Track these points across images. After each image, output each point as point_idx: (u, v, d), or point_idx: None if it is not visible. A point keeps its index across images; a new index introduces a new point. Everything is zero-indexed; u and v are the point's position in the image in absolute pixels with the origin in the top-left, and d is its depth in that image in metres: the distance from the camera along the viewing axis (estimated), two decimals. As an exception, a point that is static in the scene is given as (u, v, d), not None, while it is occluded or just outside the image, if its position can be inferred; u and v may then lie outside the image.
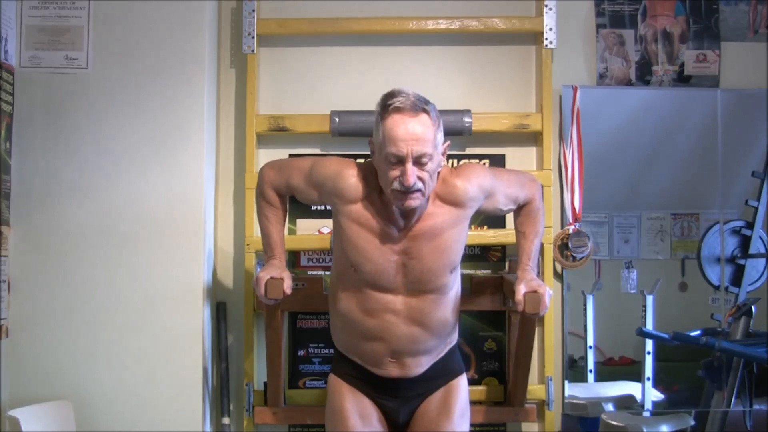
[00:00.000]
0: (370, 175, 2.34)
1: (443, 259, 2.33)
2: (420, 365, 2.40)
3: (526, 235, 2.49)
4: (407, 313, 2.34)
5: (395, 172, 2.21)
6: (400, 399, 2.43)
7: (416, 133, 2.19)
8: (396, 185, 2.22)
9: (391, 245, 2.31)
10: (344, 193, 2.34)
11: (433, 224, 2.32)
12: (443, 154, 2.32)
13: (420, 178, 2.21)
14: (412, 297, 2.34)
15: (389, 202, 2.29)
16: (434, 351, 2.42)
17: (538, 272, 2.93)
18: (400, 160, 2.20)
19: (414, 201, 2.24)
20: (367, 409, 2.42)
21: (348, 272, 2.36)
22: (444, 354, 2.46)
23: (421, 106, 2.22)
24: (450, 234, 2.33)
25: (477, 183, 2.37)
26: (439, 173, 2.32)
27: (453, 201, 2.34)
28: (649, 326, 3.07)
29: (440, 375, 2.44)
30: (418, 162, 2.20)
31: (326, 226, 3.02)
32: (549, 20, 2.98)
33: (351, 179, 2.33)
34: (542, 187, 2.61)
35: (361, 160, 2.48)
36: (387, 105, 2.23)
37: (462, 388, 2.47)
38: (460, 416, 2.43)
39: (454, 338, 2.50)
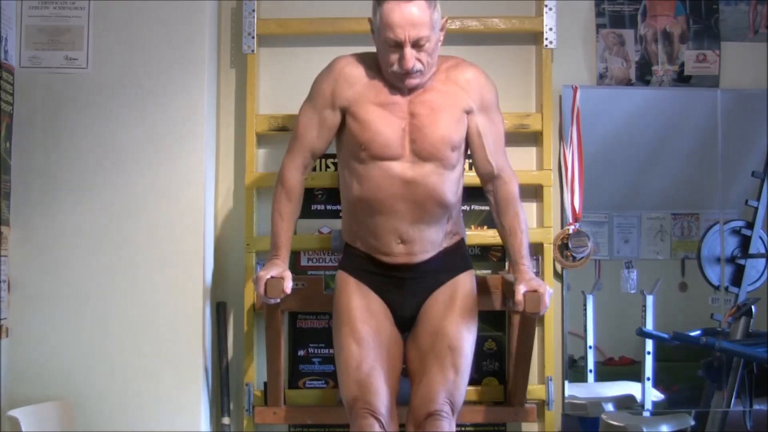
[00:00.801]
0: (364, 57, 2.44)
1: (442, 133, 2.37)
2: (425, 249, 2.43)
3: (513, 231, 2.45)
4: (413, 180, 2.37)
5: (394, 56, 2.30)
6: (406, 292, 2.45)
7: (412, 17, 2.26)
8: (395, 68, 2.31)
9: (397, 112, 2.38)
10: (349, 78, 2.42)
11: (433, 97, 2.39)
12: (442, 30, 2.38)
13: (419, 60, 2.30)
14: (417, 165, 2.37)
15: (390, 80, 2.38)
16: (438, 233, 2.44)
17: (538, 272, 2.94)
18: (398, 45, 2.28)
19: (414, 80, 2.34)
20: (374, 303, 2.44)
21: (357, 155, 2.40)
22: (449, 245, 2.48)
23: None
24: (449, 112, 2.39)
25: (482, 85, 2.45)
26: (456, 59, 2.45)
27: (456, 80, 2.42)
28: (649, 326, 3.07)
29: (446, 267, 2.47)
30: (416, 45, 2.28)
31: (326, 226, 3.02)
32: (549, 20, 2.98)
33: (347, 67, 2.44)
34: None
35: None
36: None
37: (469, 284, 2.50)
38: (467, 312, 2.45)
39: (460, 233, 2.54)
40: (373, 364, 2.35)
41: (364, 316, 2.41)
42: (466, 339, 2.41)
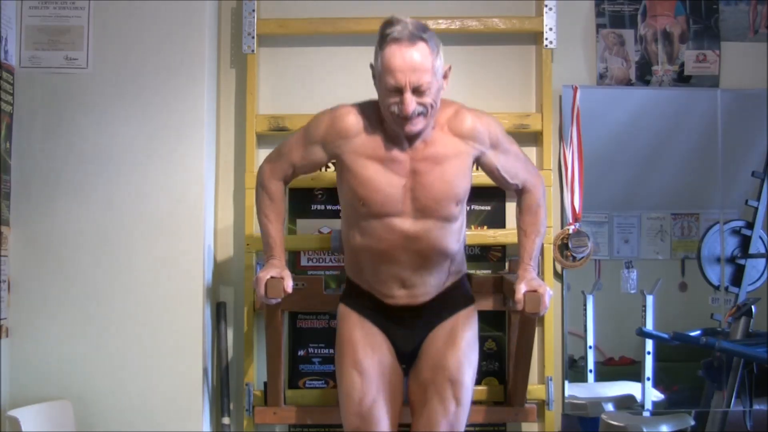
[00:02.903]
0: (366, 108, 2.37)
1: (447, 189, 2.34)
2: (427, 292, 2.43)
3: (528, 233, 2.49)
4: (415, 235, 2.35)
5: (394, 100, 2.24)
6: (408, 328, 2.45)
7: (414, 63, 2.20)
8: (395, 109, 2.24)
9: (398, 170, 2.33)
10: (346, 131, 2.35)
11: (436, 151, 2.33)
12: (445, 78, 2.32)
13: (421, 104, 2.23)
14: (419, 221, 2.35)
15: (391, 127, 2.32)
16: (441, 277, 2.43)
17: (539, 272, 2.94)
18: (399, 90, 2.22)
19: (415, 126, 2.26)
20: (376, 338, 2.44)
21: (357, 209, 2.37)
22: (451, 284, 2.47)
23: (418, 34, 2.22)
24: (453, 164, 2.34)
25: (487, 127, 2.39)
26: (453, 106, 2.36)
27: (459, 132, 2.36)
28: (649, 326, 3.07)
29: (448, 305, 2.46)
30: (417, 91, 2.22)
31: (326, 226, 3.02)
32: (549, 20, 2.98)
33: (348, 116, 2.36)
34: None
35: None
36: (385, 35, 2.24)
37: (470, 319, 2.49)
38: (468, 346, 2.45)
39: (462, 270, 2.52)
40: (375, 396, 2.37)
41: (366, 349, 2.41)
42: (467, 372, 2.42)
